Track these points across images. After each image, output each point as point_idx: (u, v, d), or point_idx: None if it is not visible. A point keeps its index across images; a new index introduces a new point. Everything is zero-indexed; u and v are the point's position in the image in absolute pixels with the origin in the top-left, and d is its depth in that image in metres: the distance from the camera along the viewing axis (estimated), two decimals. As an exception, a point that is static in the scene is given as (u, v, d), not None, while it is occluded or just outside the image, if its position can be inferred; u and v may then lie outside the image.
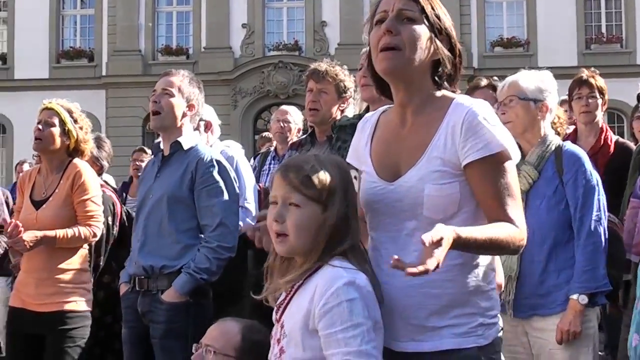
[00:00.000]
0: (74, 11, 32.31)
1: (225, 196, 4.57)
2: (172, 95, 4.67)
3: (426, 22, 2.71)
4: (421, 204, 2.63)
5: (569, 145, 4.29)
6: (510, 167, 2.67)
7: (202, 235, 4.57)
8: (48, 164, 5.18)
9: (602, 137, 5.54)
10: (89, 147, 5.27)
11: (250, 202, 5.83)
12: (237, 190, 4.73)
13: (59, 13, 31.69)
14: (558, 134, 4.55)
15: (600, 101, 5.53)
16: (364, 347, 2.44)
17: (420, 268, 2.26)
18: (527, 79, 4.28)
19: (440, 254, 2.30)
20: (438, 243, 2.31)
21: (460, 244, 2.45)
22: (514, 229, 2.61)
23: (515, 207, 2.65)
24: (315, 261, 2.57)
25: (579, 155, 4.20)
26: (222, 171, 4.62)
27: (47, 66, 31.09)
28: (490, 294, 2.74)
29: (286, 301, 2.65)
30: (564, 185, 4.13)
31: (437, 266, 2.29)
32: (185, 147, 4.65)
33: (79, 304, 5.02)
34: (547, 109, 4.27)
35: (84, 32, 31.93)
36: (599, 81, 5.55)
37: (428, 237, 2.28)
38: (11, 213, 6.78)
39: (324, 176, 2.59)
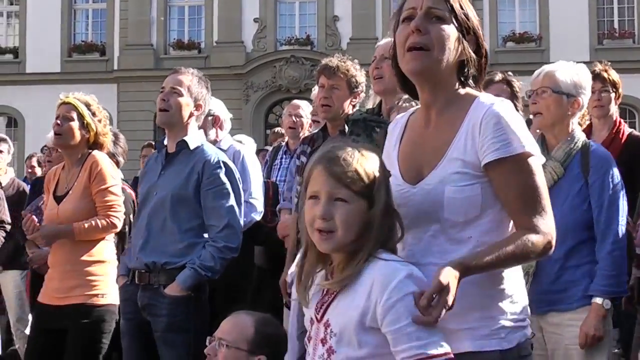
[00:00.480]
0: (86, 5, 32.34)
1: (232, 198, 4.62)
2: (181, 95, 4.69)
3: (455, 22, 2.67)
4: (442, 206, 2.58)
5: (597, 145, 4.23)
6: (535, 167, 2.61)
7: (207, 235, 4.60)
8: (69, 159, 5.18)
9: (615, 130, 5.50)
10: (108, 139, 5.27)
11: (257, 198, 5.84)
12: (242, 192, 4.78)
13: (71, 7, 31.74)
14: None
15: (613, 95, 5.48)
16: (435, 338, 2.39)
17: (431, 319, 2.36)
18: (564, 72, 4.18)
19: (450, 298, 2.36)
20: (446, 288, 2.35)
21: (471, 273, 2.47)
22: (534, 238, 2.54)
23: (539, 210, 2.59)
24: (365, 258, 2.48)
25: (606, 158, 4.14)
26: (229, 173, 4.66)
27: (59, 60, 31.14)
28: (515, 297, 2.67)
29: (329, 300, 2.55)
30: (589, 186, 4.07)
31: (451, 307, 2.37)
32: (192, 146, 4.67)
33: (103, 297, 4.97)
34: (579, 105, 4.19)
35: (96, 26, 31.98)
36: (612, 75, 5.50)
37: (437, 285, 2.35)
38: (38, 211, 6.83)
39: (370, 170, 2.50)
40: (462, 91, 2.72)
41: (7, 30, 32.33)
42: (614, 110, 5.52)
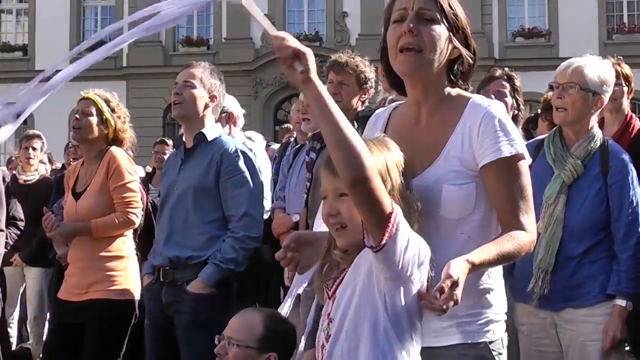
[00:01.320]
0: (95, 2, 32.41)
1: (251, 186, 4.59)
2: (194, 87, 4.68)
3: (445, 22, 2.70)
4: (438, 204, 2.64)
5: (614, 144, 4.20)
6: (524, 169, 2.69)
7: (229, 226, 4.56)
8: (87, 154, 5.20)
9: (625, 124, 5.48)
10: (128, 136, 5.27)
11: (265, 197, 5.84)
12: (262, 181, 4.74)
13: (80, 4, 31.81)
14: None
15: (625, 89, 5.46)
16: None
17: (438, 308, 2.36)
18: (593, 69, 4.13)
19: (459, 292, 2.37)
20: (456, 283, 2.37)
21: (475, 269, 2.52)
22: (524, 236, 2.64)
23: (526, 210, 2.67)
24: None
25: (626, 160, 4.11)
26: (247, 161, 4.63)
27: (68, 57, 31.15)
28: (499, 291, 2.77)
29: (340, 279, 2.57)
30: (608, 187, 4.04)
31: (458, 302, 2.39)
32: (209, 138, 4.66)
33: (123, 292, 4.97)
34: (602, 103, 4.17)
35: (105, 23, 31.99)
36: (625, 69, 5.47)
37: (447, 282, 2.36)
38: (59, 208, 6.87)
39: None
40: (453, 91, 2.78)
41: (16, 27, 32.42)
42: (626, 104, 5.49)
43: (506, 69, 5.65)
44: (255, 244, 4.59)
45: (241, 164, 4.58)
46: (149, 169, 10.48)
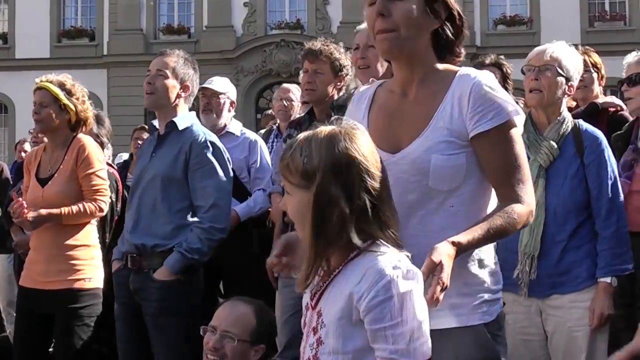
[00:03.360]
0: (76, -10, 32.21)
1: (219, 177, 4.59)
2: (166, 77, 4.68)
3: None
4: (427, 175, 2.59)
5: (586, 125, 4.21)
6: (517, 136, 2.65)
7: (195, 216, 4.57)
8: (52, 141, 5.15)
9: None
10: (90, 114, 5.19)
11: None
12: (231, 173, 4.73)
13: (60, -8, 31.61)
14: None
15: (595, 75, 5.53)
16: (412, 346, 2.29)
17: (435, 296, 2.31)
18: (569, 55, 4.17)
19: (445, 276, 2.33)
20: (440, 266, 2.33)
21: (463, 250, 2.47)
22: (519, 209, 2.60)
23: (522, 179, 2.64)
24: (356, 253, 2.37)
25: (599, 138, 4.12)
26: (217, 152, 4.63)
27: (48, 45, 31.04)
28: (493, 268, 2.72)
29: (322, 288, 2.46)
30: (585, 166, 4.06)
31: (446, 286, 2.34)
32: (180, 127, 4.65)
33: (89, 281, 4.98)
34: (572, 91, 4.20)
35: (85, 10, 31.84)
36: (593, 57, 5.54)
37: (430, 265, 2.33)
38: (20, 193, 6.80)
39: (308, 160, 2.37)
40: (441, 66, 2.74)
41: (-5, 16, 32.20)
42: (597, 90, 5.54)
43: (495, 56, 5.64)
44: (221, 235, 4.59)
45: (210, 155, 4.59)
46: (126, 155, 10.42)
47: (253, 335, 3.55)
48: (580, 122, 4.22)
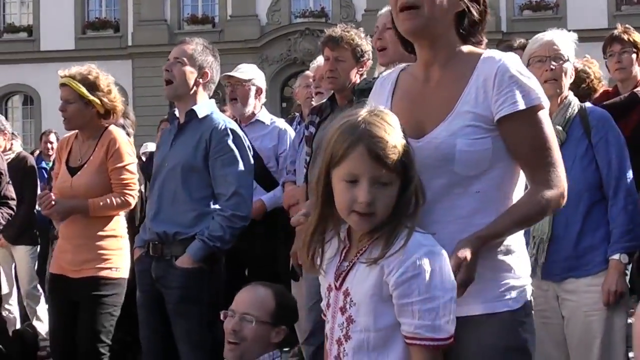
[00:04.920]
0: (100, -19, 32.36)
1: (240, 165, 4.57)
2: (184, 64, 4.66)
3: None
4: (452, 160, 2.52)
5: (590, 106, 4.22)
6: (545, 119, 2.59)
7: (216, 204, 4.57)
8: (82, 133, 5.17)
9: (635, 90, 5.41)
10: (118, 103, 5.17)
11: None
12: (252, 161, 4.72)
13: (85, -17, 31.75)
14: (595, 90, 4.42)
15: (634, 56, 5.40)
16: (437, 322, 2.32)
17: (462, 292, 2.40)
18: (568, 40, 4.19)
19: (469, 271, 2.40)
20: (464, 262, 2.38)
21: (489, 243, 2.47)
22: (549, 193, 2.54)
23: (552, 161, 2.58)
24: (406, 235, 2.37)
25: (606, 116, 4.12)
26: (237, 140, 4.61)
27: (73, 37, 31.21)
28: (520, 254, 2.65)
29: (347, 268, 2.47)
30: (593, 146, 4.04)
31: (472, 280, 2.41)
32: (200, 115, 4.64)
33: (116, 270, 5.03)
34: (575, 72, 4.21)
35: (110, 2, 31.99)
36: (633, 35, 5.41)
37: (456, 261, 2.38)
38: (50, 179, 6.82)
39: (402, 144, 2.40)
40: (464, 48, 2.67)
41: (20, 8, 32.40)
42: (637, 70, 5.42)
43: (524, 40, 5.56)
44: (243, 223, 4.57)
45: (230, 142, 4.56)
46: (153, 146, 10.44)
47: (273, 317, 3.56)
48: (587, 104, 4.21)
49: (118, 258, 5.04)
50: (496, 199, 2.56)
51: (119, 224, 5.10)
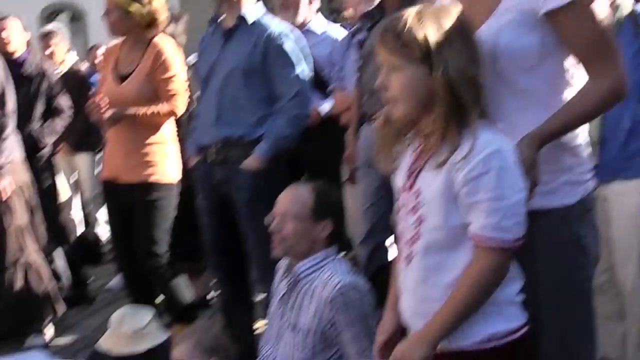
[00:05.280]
0: None
1: (299, 65, 4.60)
2: None
3: None
4: (499, 56, 2.50)
5: None
6: (598, 9, 2.49)
7: (278, 105, 4.59)
8: (127, 41, 5.23)
9: None
10: (160, 15, 5.16)
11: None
12: (311, 60, 4.74)
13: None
14: None
15: None
16: (504, 223, 2.24)
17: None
18: None
19: (535, 173, 2.38)
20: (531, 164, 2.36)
21: (549, 141, 2.45)
22: (607, 85, 2.48)
23: (608, 52, 2.49)
24: (472, 129, 2.28)
25: None
26: (293, 42, 4.63)
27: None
28: (577, 149, 2.60)
29: (419, 168, 2.41)
30: None
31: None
32: (249, 20, 4.63)
33: (165, 175, 5.14)
34: None
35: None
36: None
37: None
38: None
39: (430, 31, 2.31)
40: None
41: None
42: None
43: None
44: (305, 122, 4.63)
45: (287, 46, 4.58)
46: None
47: (314, 212, 3.50)
48: (638, 6, 4.08)
49: (167, 163, 5.15)
50: (547, 96, 2.53)
51: (167, 130, 5.18)
